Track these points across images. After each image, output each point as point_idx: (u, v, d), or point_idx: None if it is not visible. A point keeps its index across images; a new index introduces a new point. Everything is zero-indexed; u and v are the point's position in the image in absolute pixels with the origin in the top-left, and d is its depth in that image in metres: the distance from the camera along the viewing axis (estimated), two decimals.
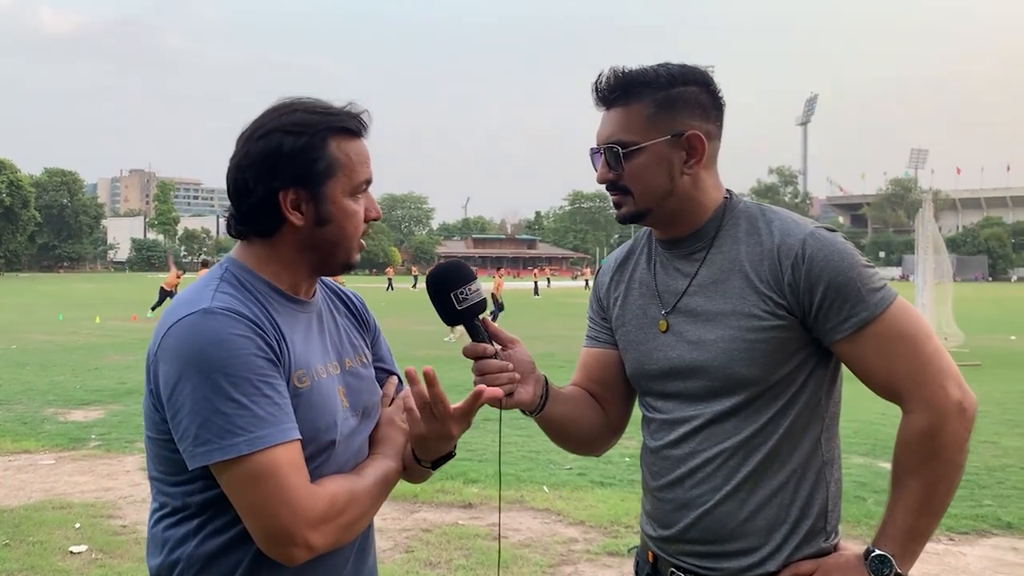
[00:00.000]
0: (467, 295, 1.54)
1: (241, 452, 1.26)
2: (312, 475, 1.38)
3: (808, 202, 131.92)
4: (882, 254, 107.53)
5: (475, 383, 1.57)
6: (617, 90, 1.56)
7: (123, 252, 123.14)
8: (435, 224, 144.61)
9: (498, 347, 1.60)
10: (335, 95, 1.48)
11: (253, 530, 1.30)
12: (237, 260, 1.45)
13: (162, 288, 23.79)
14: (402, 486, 1.53)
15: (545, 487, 5.97)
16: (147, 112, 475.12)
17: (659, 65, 1.56)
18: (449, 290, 1.53)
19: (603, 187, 1.61)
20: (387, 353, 1.70)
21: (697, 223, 1.59)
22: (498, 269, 30.71)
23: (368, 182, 1.46)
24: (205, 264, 26.37)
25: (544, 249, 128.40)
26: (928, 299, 16.48)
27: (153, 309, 23.43)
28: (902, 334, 1.46)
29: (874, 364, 1.47)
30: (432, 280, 1.56)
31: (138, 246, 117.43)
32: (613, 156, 1.55)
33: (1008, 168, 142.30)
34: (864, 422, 7.75)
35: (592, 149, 1.61)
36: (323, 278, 1.57)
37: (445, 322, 1.58)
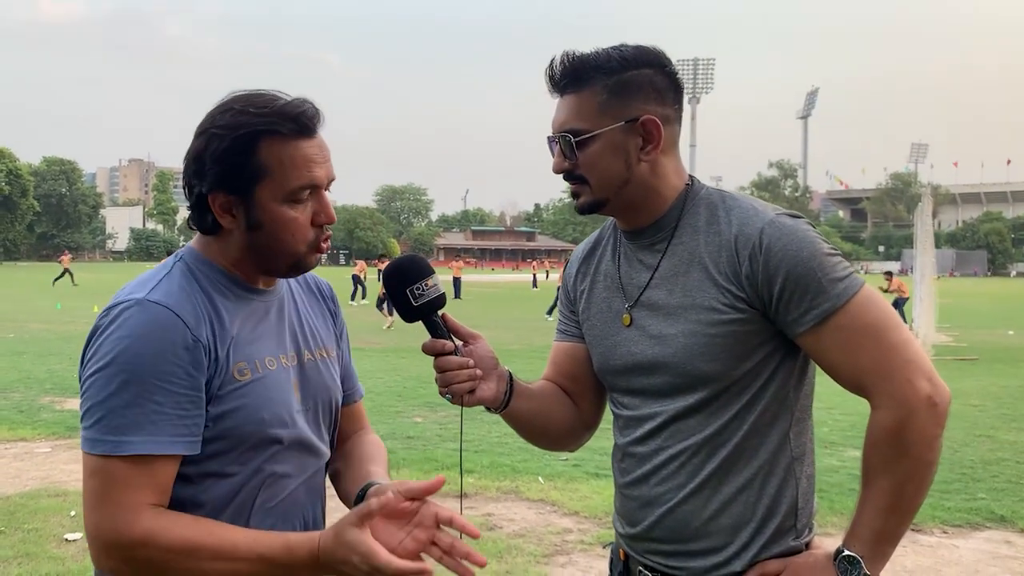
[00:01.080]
0: (423, 290, 1.49)
1: (96, 451, 1.26)
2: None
3: (808, 196, 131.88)
4: (881, 248, 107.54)
5: (436, 380, 1.53)
6: (568, 76, 1.50)
7: (122, 242, 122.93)
8: (434, 216, 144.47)
9: (459, 343, 1.55)
10: (335, 87, 1.43)
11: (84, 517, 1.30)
12: (194, 249, 1.44)
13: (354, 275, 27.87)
14: (400, 475, 1.52)
15: (540, 478, 5.99)
16: (146, 102, 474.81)
17: (612, 48, 1.50)
18: (405, 286, 1.49)
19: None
20: (350, 365, 1.68)
21: (658, 212, 1.53)
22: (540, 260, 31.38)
23: (309, 187, 1.37)
24: (169, 253, 27.85)
25: (543, 241, 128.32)
26: (926, 293, 16.48)
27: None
28: (867, 325, 1.39)
29: (839, 358, 1.41)
30: (387, 276, 1.51)
31: (137, 236, 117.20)
32: (567, 145, 1.50)
33: (1008, 162, 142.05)
34: (861, 415, 7.74)
35: (548, 137, 1.55)
36: None
37: (403, 318, 1.53)
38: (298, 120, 1.35)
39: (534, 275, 48.40)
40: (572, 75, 1.50)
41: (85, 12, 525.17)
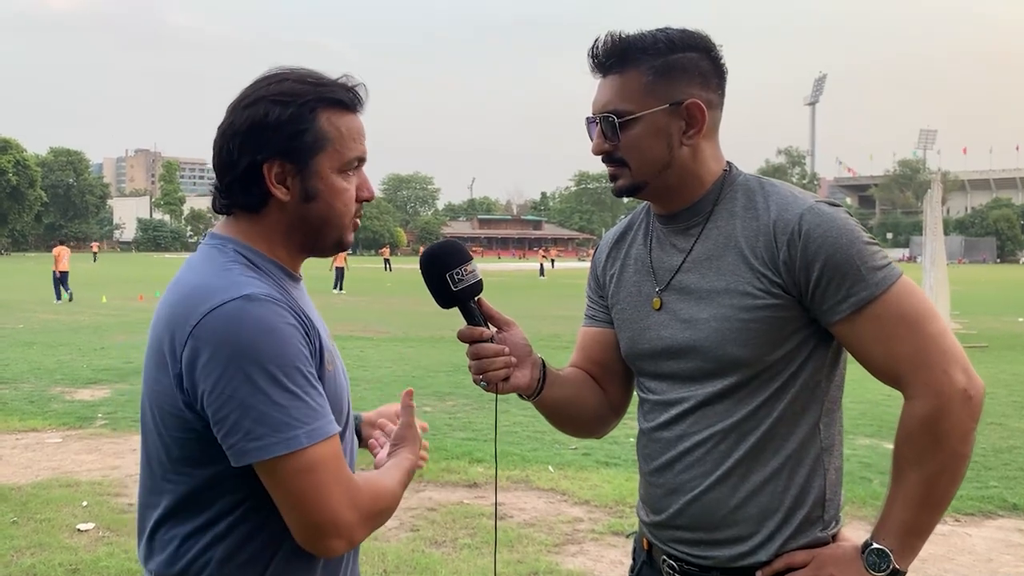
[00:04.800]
0: (463, 276, 1.47)
1: (301, 445, 1.20)
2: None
3: (816, 183, 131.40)
4: (889, 235, 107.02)
5: (470, 367, 1.52)
6: (613, 56, 1.47)
7: (129, 232, 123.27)
8: (441, 204, 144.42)
9: (494, 330, 1.54)
10: (342, 73, 1.40)
11: (298, 522, 1.24)
12: (237, 239, 1.35)
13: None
14: None
15: (550, 467, 5.99)
16: (153, 91, 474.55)
17: (658, 30, 1.48)
18: (444, 271, 1.46)
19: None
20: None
21: (695, 196, 1.51)
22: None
23: (360, 160, 1.38)
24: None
25: (550, 230, 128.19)
26: (936, 281, 16.40)
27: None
28: (904, 315, 1.36)
29: (874, 347, 1.38)
30: (426, 260, 1.48)
31: (144, 226, 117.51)
32: (609, 126, 1.47)
33: (1018, 148, 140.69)
34: (870, 403, 7.74)
35: (588, 118, 1.52)
36: None
37: (439, 304, 1.50)
38: (354, 93, 1.38)
39: (541, 264, 48.37)
40: (618, 55, 1.47)
41: (90, 1, 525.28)
